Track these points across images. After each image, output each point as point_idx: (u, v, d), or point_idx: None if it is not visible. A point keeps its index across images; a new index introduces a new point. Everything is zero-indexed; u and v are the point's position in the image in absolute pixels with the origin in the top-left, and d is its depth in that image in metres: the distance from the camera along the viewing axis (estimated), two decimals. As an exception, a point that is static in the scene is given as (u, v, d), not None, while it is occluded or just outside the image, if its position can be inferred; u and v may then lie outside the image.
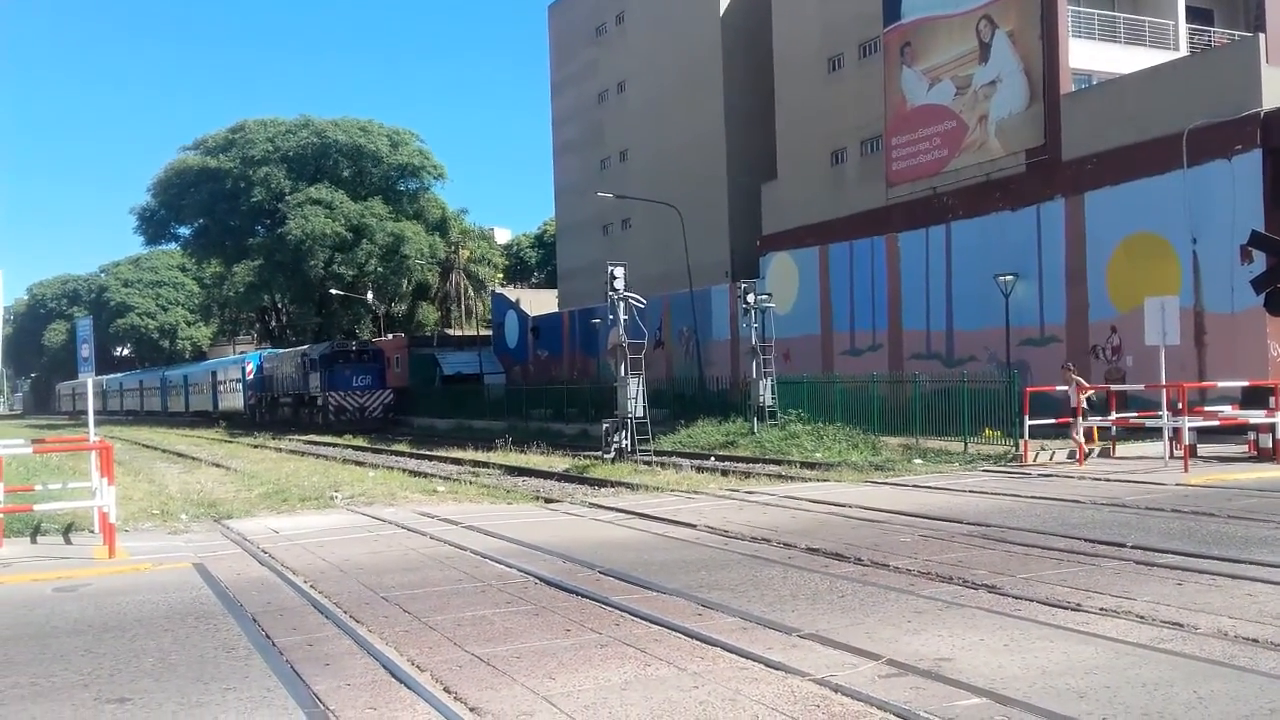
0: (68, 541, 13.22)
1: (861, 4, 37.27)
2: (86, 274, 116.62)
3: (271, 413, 59.96)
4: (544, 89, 61.31)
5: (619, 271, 26.74)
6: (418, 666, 7.04)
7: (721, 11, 45.43)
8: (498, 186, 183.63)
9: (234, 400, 65.94)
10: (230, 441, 46.42)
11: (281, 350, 62.38)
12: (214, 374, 70.89)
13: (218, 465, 30.61)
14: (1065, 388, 21.29)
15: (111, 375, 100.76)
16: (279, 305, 75.87)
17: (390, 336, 65.28)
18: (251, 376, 63.35)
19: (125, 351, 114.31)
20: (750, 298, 31.26)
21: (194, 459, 34.46)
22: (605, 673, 6.75)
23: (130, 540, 13.17)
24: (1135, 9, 32.83)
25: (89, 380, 16.01)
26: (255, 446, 41.60)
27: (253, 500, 19.12)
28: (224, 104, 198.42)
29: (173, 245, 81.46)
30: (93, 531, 13.43)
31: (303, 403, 55.01)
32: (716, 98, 45.63)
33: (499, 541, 12.46)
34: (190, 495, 20.23)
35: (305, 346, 58.40)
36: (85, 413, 16.08)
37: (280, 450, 38.26)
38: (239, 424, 61.10)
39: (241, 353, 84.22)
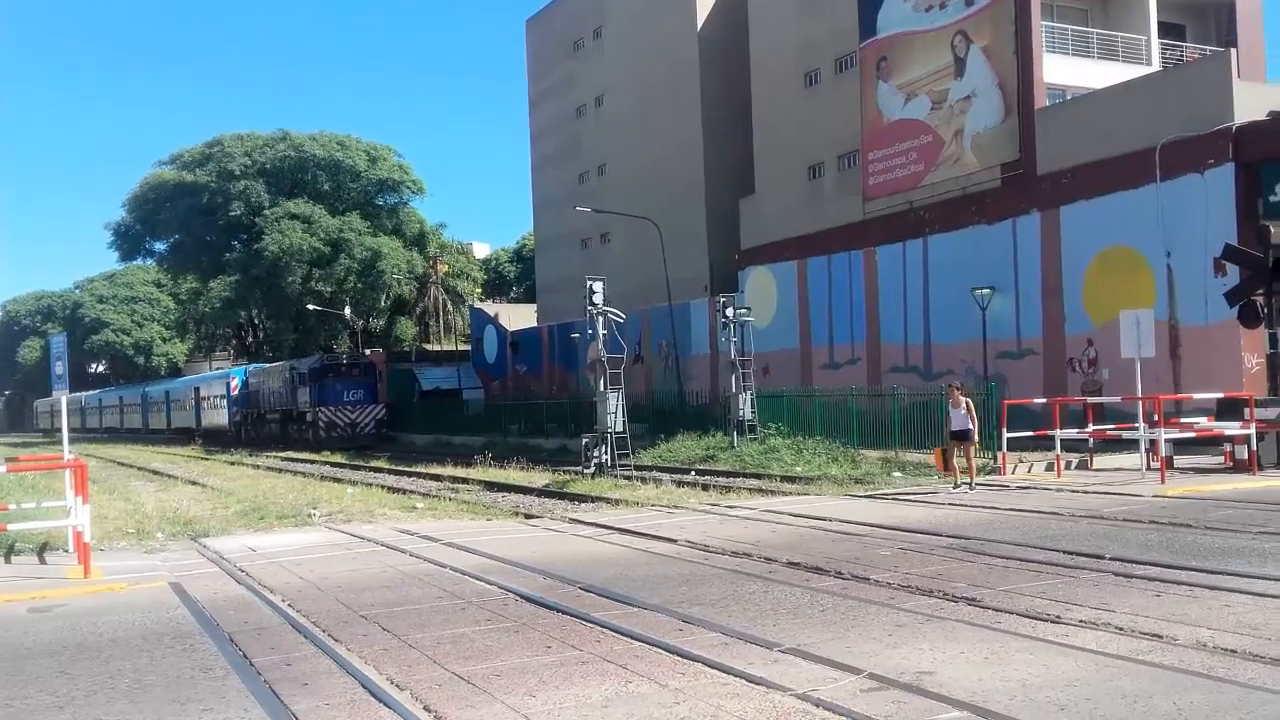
0: (42, 561, 13.09)
1: (837, 19, 37.51)
2: (61, 290, 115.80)
3: (258, 429, 58.39)
4: (522, 103, 61.32)
5: (598, 286, 26.77)
6: (397, 685, 6.99)
7: (698, 26, 45.62)
8: (476, 201, 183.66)
9: (218, 417, 64.32)
10: (207, 459, 46.09)
11: (268, 365, 61.11)
12: (197, 390, 69.24)
13: (194, 483, 30.38)
14: (956, 410, 18.76)
15: (90, 392, 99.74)
16: (256, 321, 75.46)
17: (368, 352, 64.96)
18: (236, 392, 61.64)
19: (100, 368, 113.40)
20: (729, 312, 31.32)
21: (170, 477, 34.19)
22: (586, 690, 6.72)
23: (106, 559, 13.04)
24: (1108, 24, 33.17)
25: (63, 397, 15.89)
26: (232, 464, 41.31)
27: (229, 518, 18.98)
28: (200, 119, 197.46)
29: (148, 261, 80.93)
30: (68, 551, 13.29)
31: (291, 419, 53.39)
32: (694, 112, 45.79)
33: (479, 558, 12.41)
34: (166, 513, 20.04)
35: (293, 360, 56.85)
36: (61, 430, 15.95)
37: (258, 467, 38.02)
38: (224, 441, 59.71)
39: (218, 368, 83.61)
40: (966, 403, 18.82)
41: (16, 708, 6.78)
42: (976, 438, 19.12)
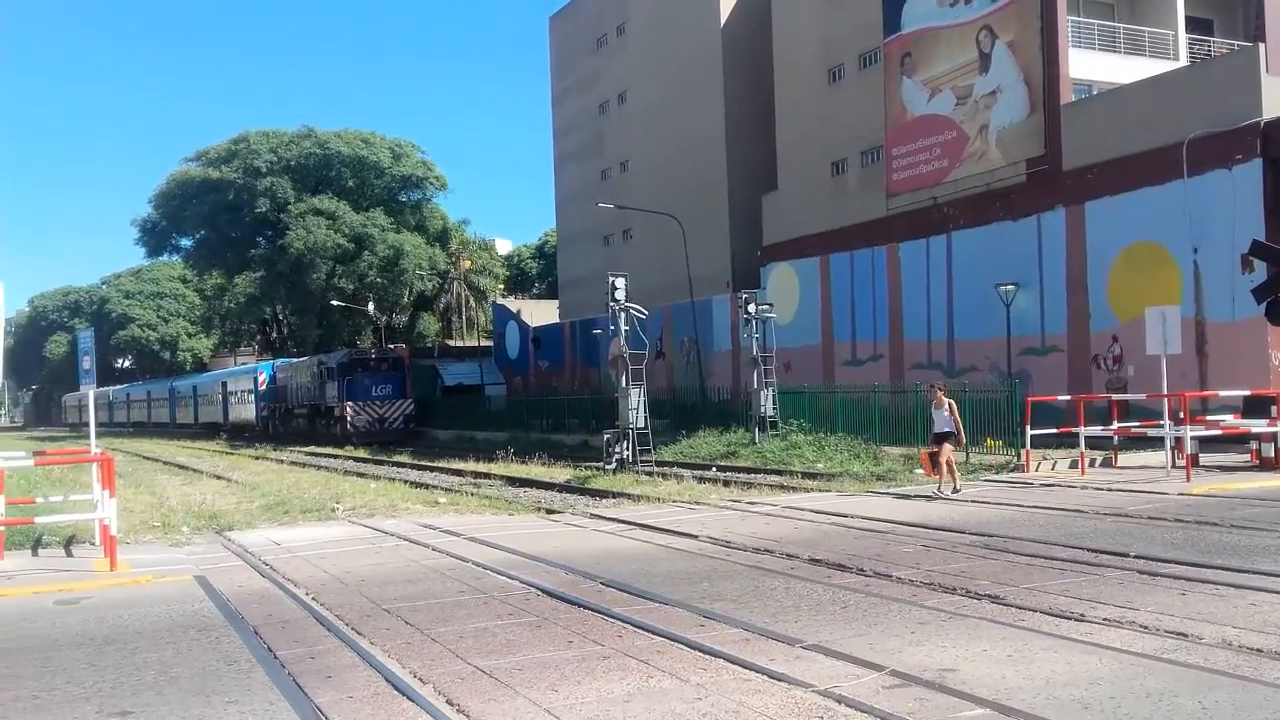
0: (69, 554, 13.21)
1: (861, 14, 37.34)
2: (88, 285, 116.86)
3: (285, 424, 57.77)
4: (545, 100, 61.39)
5: (620, 282, 26.76)
6: (420, 679, 7.02)
7: (722, 22, 45.52)
8: (499, 197, 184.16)
9: (245, 412, 63.98)
10: (231, 453, 46.39)
11: (296, 359, 60.49)
12: (224, 384, 68.89)
13: (219, 477, 30.60)
14: (939, 411, 18.23)
15: (118, 386, 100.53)
16: (280, 317, 75.86)
17: (391, 348, 65.10)
18: (264, 387, 61.10)
19: (126, 363, 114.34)
20: (751, 308, 31.27)
21: (195, 471, 34.44)
22: (608, 685, 6.74)
23: (132, 553, 13.15)
24: (1135, 19, 32.88)
25: (90, 392, 16.03)
26: (256, 458, 41.58)
27: (254, 512, 19.10)
28: (225, 115, 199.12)
29: (174, 257, 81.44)
30: (94, 544, 13.41)
31: (319, 414, 52.59)
32: (717, 108, 45.70)
33: (501, 553, 12.45)
34: (191, 507, 20.21)
35: (321, 355, 56.24)
36: (88, 424, 16.11)
37: (282, 462, 38.25)
38: (251, 436, 59.47)
39: (243, 364, 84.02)
40: (949, 404, 18.21)
41: (44, 699, 6.85)
42: (963, 439, 18.40)
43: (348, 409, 48.55)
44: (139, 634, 8.65)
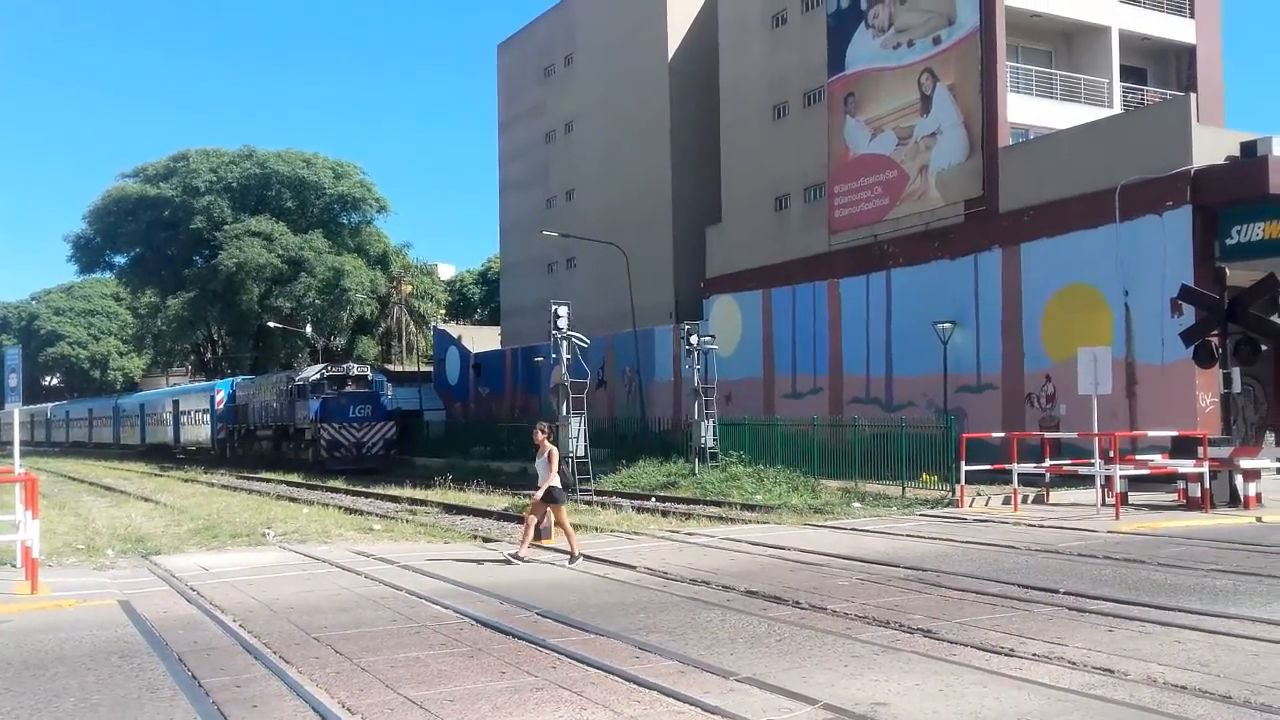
0: (-12, 576, 12.84)
1: (806, 54, 37.90)
2: (17, 301, 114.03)
3: (246, 447, 53.43)
4: (491, 127, 61.39)
5: (563, 310, 26.77)
6: (349, 709, 6.91)
7: (669, 57, 45.93)
8: (443, 222, 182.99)
9: (199, 433, 59.33)
10: (160, 475, 45.43)
11: (258, 376, 56.78)
12: (176, 403, 63.65)
13: (146, 499, 29.94)
14: (540, 460, 14.38)
15: (56, 404, 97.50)
16: (215, 337, 74.50)
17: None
18: (221, 406, 56.44)
19: (54, 381, 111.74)
20: (693, 339, 31.39)
21: (122, 493, 33.68)
22: (540, 716, 6.68)
23: (54, 576, 12.82)
24: (1071, 66, 33.74)
25: (15, 410, 15.67)
26: (185, 480, 40.77)
27: (182, 536, 18.72)
28: (163, 137, 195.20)
29: (108, 274, 79.82)
30: (15, 566, 13.06)
31: (286, 436, 48.47)
32: (663, 141, 46.02)
33: (435, 582, 12.32)
34: (117, 530, 19.75)
35: (290, 371, 52.12)
36: (25, 442, 15.69)
37: (212, 485, 37.54)
38: (207, 460, 56.02)
39: (174, 384, 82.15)
40: (550, 451, 14.34)
41: (-44, 726, 6.64)
42: (542, 494, 14.21)
43: (323, 431, 44.39)
44: (59, 660, 8.42)
